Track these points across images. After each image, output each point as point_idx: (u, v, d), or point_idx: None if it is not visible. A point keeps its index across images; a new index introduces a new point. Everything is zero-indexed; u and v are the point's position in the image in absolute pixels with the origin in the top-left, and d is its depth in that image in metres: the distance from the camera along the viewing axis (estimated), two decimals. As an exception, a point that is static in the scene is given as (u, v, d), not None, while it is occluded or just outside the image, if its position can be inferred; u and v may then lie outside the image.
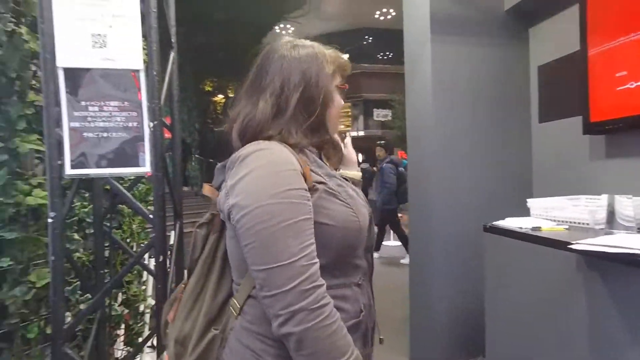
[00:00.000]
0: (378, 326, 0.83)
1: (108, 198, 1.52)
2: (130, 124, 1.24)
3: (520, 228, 1.51)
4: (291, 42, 0.79)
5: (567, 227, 1.48)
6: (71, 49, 1.13)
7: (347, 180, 0.80)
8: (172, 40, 1.58)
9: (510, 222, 1.61)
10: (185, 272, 0.85)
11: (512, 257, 1.54)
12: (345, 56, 0.83)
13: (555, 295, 1.32)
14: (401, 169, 6.25)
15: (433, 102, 2.14)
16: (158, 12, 1.33)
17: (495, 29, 2.18)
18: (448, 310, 2.13)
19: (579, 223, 1.47)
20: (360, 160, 14.40)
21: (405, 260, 5.64)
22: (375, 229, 5.09)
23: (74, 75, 1.16)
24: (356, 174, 0.92)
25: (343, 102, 0.82)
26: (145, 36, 1.26)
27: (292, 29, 13.91)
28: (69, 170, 1.12)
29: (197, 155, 11.29)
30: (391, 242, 7.01)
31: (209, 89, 13.15)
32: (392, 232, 6.87)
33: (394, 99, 11.76)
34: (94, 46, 1.16)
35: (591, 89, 1.62)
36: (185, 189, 10.28)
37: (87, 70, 1.18)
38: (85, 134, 1.16)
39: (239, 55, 12.17)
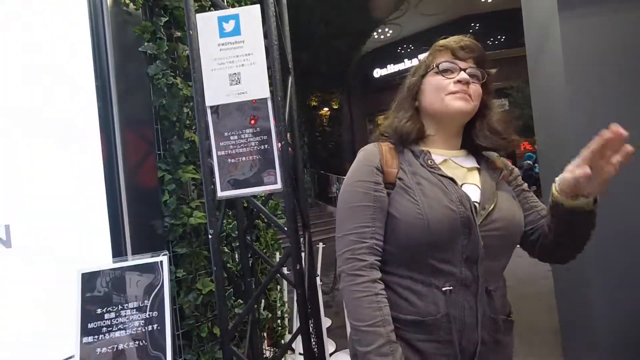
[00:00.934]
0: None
1: (247, 215, 1.75)
2: (262, 147, 1.42)
3: None
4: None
5: None
6: (215, 89, 1.36)
7: (451, 179, 0.78)
8: (290, 66, 1.75)
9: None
10: (317, 278, 1.04)
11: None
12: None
13: None
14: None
15: (566, 85, 1.88)
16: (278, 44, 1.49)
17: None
18: (612, 319, 1.82)
19: None
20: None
21: None
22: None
23: (217, 111, 1.38)
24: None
25: (458, 77, 0.79)
26: (269, 67, 1.43)
27: (390, 31, 13.80)
28: (220, 193, 1.33)
29: (308, 168, 11.98)
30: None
31: (315, 103, 13.89)
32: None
33: (510, 87, 10.64)
34: (232, 84, 1.37)
35: None
36: (301, 200, 10.96)
37: (227, 105, 1.39)
38: (230, 160, 1.37)
39: (341, 67, 12.60)
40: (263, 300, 1.97)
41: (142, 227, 1.43)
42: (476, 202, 0.77)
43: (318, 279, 2.32)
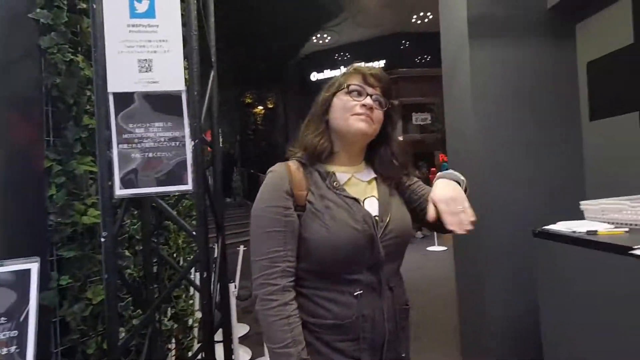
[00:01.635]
0: (404, 345, 0.91)
1: (155, 215, 1.61)
2: (173, 144, 1.30)
3: (574, 232, 1.41)
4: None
5: (626, 230, 1.36)
6: (120, 74, 1.22)
7: (355, 199, 0.86)
8: (212, 59, 1.65)
9: (563, 226, 1.51)
10: (231, 284, 1.03)
11: (566, 263, 1.44)
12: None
13: (616, 303, 1.21)
14: None
15: (473, 106, 2.06)
16: (199, 34, 1.40)
17: (538, 28, 2.07)
18: (501, 316, 2.02)
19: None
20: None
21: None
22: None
23: (122, 99, 1.24)
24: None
25: (363, 101, 0.87)
26: (187, 58, 1.33)
27: (329, 38, 14.07)
28: (118, 191, 1.19)
29: (239, 167, 11.67)
30: (435, 247, 6.83)
31: (249, 100, 13.58)
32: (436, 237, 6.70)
33: (433, 102, 11.51)
34: (140, 71, 1.24)
35: (650, 83, 1.48)
36: (228, 200, 10.62)
37: (133, 93, 1.26)
38: (133, 155, 1.24)
39: (278, 66, 12.50)
40: (170, 310, 1.82)
41: (19, 226, 1.22)
42: (376, 216, 0.87)
43: (232, 285, 2.23)
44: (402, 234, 0.89)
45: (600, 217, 1.52)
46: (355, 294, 0.82)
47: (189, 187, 1.33)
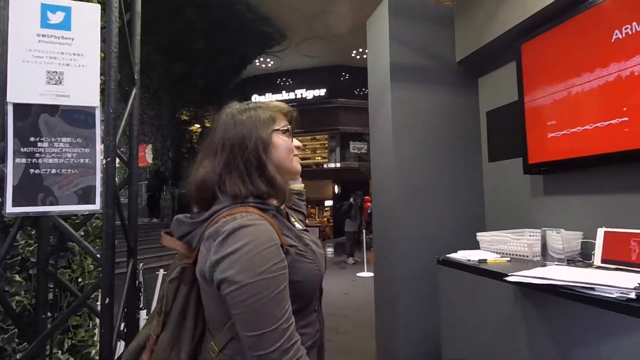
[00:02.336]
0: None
1: (57, 236, 1.48)
2: (81, 161, 1.24)
3: (469, 260, 1.57)
4: (235, 107, 0.88)
5: (509, 259, 1.55)
6: (23, 84, 1.15)
7: (307, 231, 0.90)
8: (136, 77, 1.61)
9: (461, 255, 1.68)
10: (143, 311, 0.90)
11: (461, 287, 1.60)
12: (285, 105, 0.92)
13: (500, 322, 1.37)
14: None
15: (393, 143, 2.24)
16: (122, 50, 1.37)
17: (449, 78, 2.34)
18: (411, 342, 2.14)
19: (520, 255, 1.56)
20: (336, 192, 14.51)
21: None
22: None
23: (24, 111, 1.16)
24: (300, 186, 1.07)
25: (295, 143, 0.90)
26: (104, 74, 1.29)
27: (272, 62, 14.29)
28: (10, 209, 1.10)
29: (169, 185, 11.09)
30: (365, 273, 7.02)
31: (186, 117, 13.13)
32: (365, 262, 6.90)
33: (368, 133, 12.14)
34: (49, 82, 1.18)
35: (528, 134, 1.76)
36: (155, 220, 9.97)
37: (41, 106, 1.19)
38: (32, 171, 1.16)
39: (219, 86, 12.33)
40: (66, 341, 1.65)
41: None
42: None
43: (144, 312, 2.09)
44: None
45: (491, 247, 1.72)
46: (315, 308, 0.86)
47: (96, 207, 1.27)
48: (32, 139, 1.17)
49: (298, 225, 0.91)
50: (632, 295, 0.91)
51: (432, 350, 2.05)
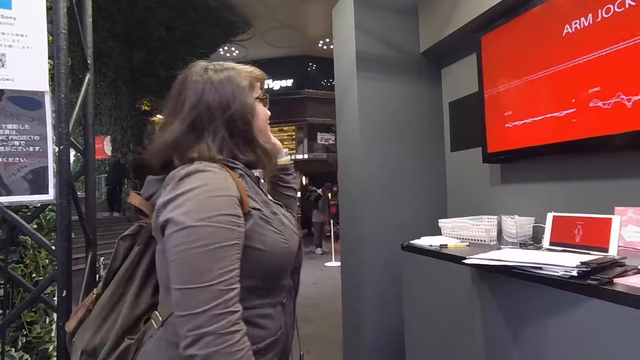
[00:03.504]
0: (300, 342, 0.88)
1: (5, 229, 1.39)
2: (31, 149, 1.17)
3: (431, 245, 1.64)
4: (205, 67, 0.81)
5: (468, 244, 1.64)
6: (-38, 68, 1.06)
7: (280, 206, 0.84)
8: (89, 61, 1.53)
9: (424, 241, 1.74)
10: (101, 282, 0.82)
11: (423, 272, 1.66)
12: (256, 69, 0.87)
13: (458, 304, 1.44)
14: None
15: (360, 133, 2.27)
16: (73, 34, 1.29)
17: (413, 69, 2.39)
18: (376, 328, 2.20)
19: (478, 240, 1.64)
20: (304, 183, 14.54)
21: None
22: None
23: (-35, 96, 1.08)
24: (286, 159, 1.00)
25: (268, 112, 0.87)
26: (52, 57, 1.21)
27: (237, 52, 13.95)
28: (-50, 199, 1.02)
29: (130, 178, 10.64)
30: (333, 263, 7.11)
31: (147, 108, 12.59)
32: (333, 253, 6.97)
33: (335, 124, 12.22)
34: (-10, 66, 1.10)
35: (487, 124, 1.84)
36: (117, 214, 9.57)
37: (-17, 90, 1.10)
38: (-26, 159, 1.07)
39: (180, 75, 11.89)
40: (20, 338, 1.57)
41: None
42: None
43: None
44: None
45: (451, 233, 1.80)
46: (282, 302, 0.78)
47: (50, 197, 1.20)
48: (-27, 125, 1.08)
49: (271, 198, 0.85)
50: (574, 273, 0.99)
51: (396, 334, 2.13)
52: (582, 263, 1.01)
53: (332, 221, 8.19)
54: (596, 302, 0.92)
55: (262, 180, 0.84)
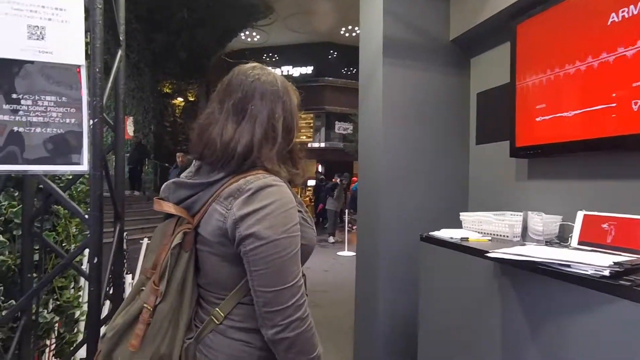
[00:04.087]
0: None
1: (41, 198, 1.44)
2: (67, 120, 1.20)
3: (451, 238, 1.63)
4: (262, 69, 0.85)
5: (490, 238, 1.61)
6: (3, 38, 1.09)
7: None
8: (121, 37, 1.55)
9: (444, 233, 1.73)
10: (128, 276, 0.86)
11: (442, 264, 1.65)
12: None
13: (477, 298, 1.43)
14: None
15: (383, 121, 2.25)
16: (107, 8, 1.31)
17: (442, 57, 2.34)
18: (389, 318, 2.21)
19: (501, 235, 1.62)
20: (320, 170, 14.55)
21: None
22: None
23: (7, 67, 1.11)
24: None
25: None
26: (88, 31, 1.23)
27: (258, 37, 13.91)
28: (-6, 166, 1.06)
29: (151, 159, 10.85)
30: (345, 252, 7.13)
31: (168, 90, 12.73)
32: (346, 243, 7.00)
33: (354, 114, 12.13)
34: (30, 37, 1.12)
35: (517, 117, 1.79)
36: (137, 193, 9.80)
37: (23, 62, 1.13)
38: (15, 129, 1.11)
39: (202, 58, 11.95)
40: (52, 301, 1.64)
41: None
42: None
43: (129, 277, 2.09)
44: None
45: (473, 227, 1.78)
46: (304, 273, 0.87)
47: (84, 167, 1.24)
48: (14, 95, 1.12)
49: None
50: (606, 273, 0.97)
51: (410, 324, 2.14)
52: (615, 263, 0.99)
53: (347, 210, 8.19)
54: (628, 304, 0.90)
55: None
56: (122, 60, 1.52)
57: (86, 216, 1.25)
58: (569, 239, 1.43)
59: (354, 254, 6.70)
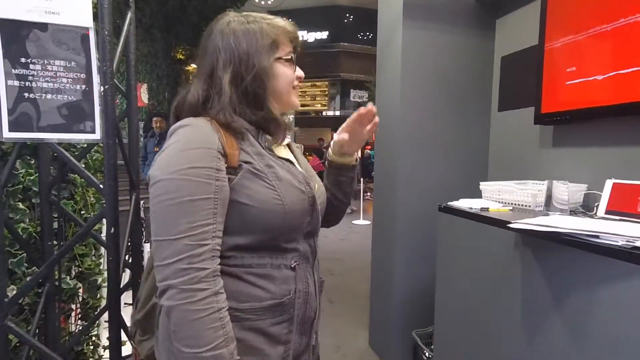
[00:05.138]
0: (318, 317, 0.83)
1: (58, 167, 1.45)
2: (78, 87, 1.18)
3: (471, 208, 1.58)
4: (230, 20, 0.77)
5: (511, 208, 1.57)
6: None
7: (289, 161, 0.78)
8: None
9: (463, 203, 1.68)
10: (146, 244, 0.87)
11: (461, 234, 1.62)
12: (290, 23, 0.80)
13: (497, 269, 1.40)
14: None
15: (401, 86, 2.16)
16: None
17: (465, 18, 2.20)
18: (406, 286, 2.23)
19: (522, 205, 1.57)
20: (322, 138, 14.43)
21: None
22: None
23: (14, 28, 1.08)
24: (352, 159, 0.94)
25: (297, 73, 0.80)
26: (95, -7, 1.18)
27: (271, 0, 13.45)
28: (6, 134, 1.05)
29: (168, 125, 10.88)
30: (361, 221, 7.18)
31: (182, 57, 12.57)
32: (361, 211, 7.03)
33: (370, 81, 11.80)
34: (37, -2, 1.08)
35: (545, 81, 1.68)
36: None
37: (32, 25, 1.10)
38: (26, 94, 1.10)
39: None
40: (74, 268, 1.69)
41: None
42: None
43: (148, 245, 2.14)
44: (324, 201, 0.86)
45: (493, 197, 1.72)
46: (292, 265, 0.74)
47: (96, 136, 1.23)
48: (22, 59, 1.09)
49: (283, 154, 0.79)
50: (638, 244, 0.92)
51: (427, 293, 2.14)
52: (646, 233, 0.94)
53: (362, 179, 8.16)
54: (660, 275, 0.86)
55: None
56: (132, 22, 1.47)
57: (101, 186, 1.25)
58: (595, 208, 1.38)
59: (369, 222, 6.75)
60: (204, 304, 0.61)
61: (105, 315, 1.34)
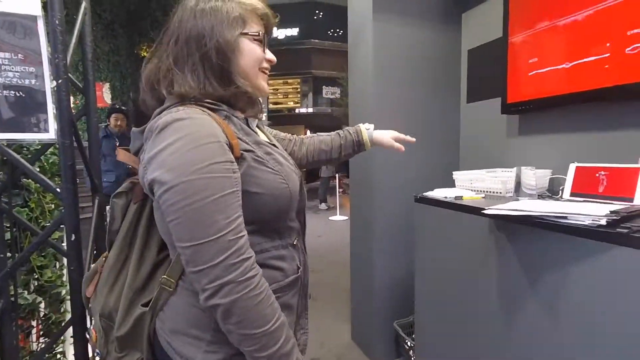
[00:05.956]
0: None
1: (9, 171, 1.34)
2: (27, 82, 1.09)
3: (445, 197, 1.60)
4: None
5: (484, 196, 1.60)
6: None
7: (275, 146, 0.80)
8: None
9: (438, 193, 1.70)
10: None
11: (438, 224, 1.64)
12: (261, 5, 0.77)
13: (473, 255, 1.43)
14: None
15: (373, 80, 2.15)
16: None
17: (433, 12, 2.22)
18: (386, 277, 2.23)
19: (494, 192, 1.60)
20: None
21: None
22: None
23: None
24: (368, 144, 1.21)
25: (264, 52, 0.76)
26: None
27: (238, -4, 13.21)
28: (-55, 133, 0.96)
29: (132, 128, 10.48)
30: (337, 217, 7.21)
31: (145, 54, 12.15)
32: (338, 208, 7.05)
33: (342, 77, 11.84)
34: (-25, -15, 0.99)
35: (509, 73, 1.72)
36: (120, 164, 9.56)
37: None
38: (-33, 91, 1.00)
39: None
40: (32, 281, 1.58)
41: None
42: None
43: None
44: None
45: (466, 186, 1.75)
46: (294, 242, 0.78)
47: (50, 135, 1.14)
48: (-38, 53, 1.00)
49: (264, 138, 0.80)
50: (603, 222, 0.95)
51: (406, 283, 2.16)
52: (611, 212, 0.97)
53: (337, 175, 8.18)
54: (626, 251, 0.89)
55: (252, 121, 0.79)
56: (87, 12, 1.37)
57: (58, 189, 1.17)
58: (560, 191, 1.42)
59: (347, 217, 6.78)
60: (259, 288, 0.62)
61: (70, 330, 1.25)
